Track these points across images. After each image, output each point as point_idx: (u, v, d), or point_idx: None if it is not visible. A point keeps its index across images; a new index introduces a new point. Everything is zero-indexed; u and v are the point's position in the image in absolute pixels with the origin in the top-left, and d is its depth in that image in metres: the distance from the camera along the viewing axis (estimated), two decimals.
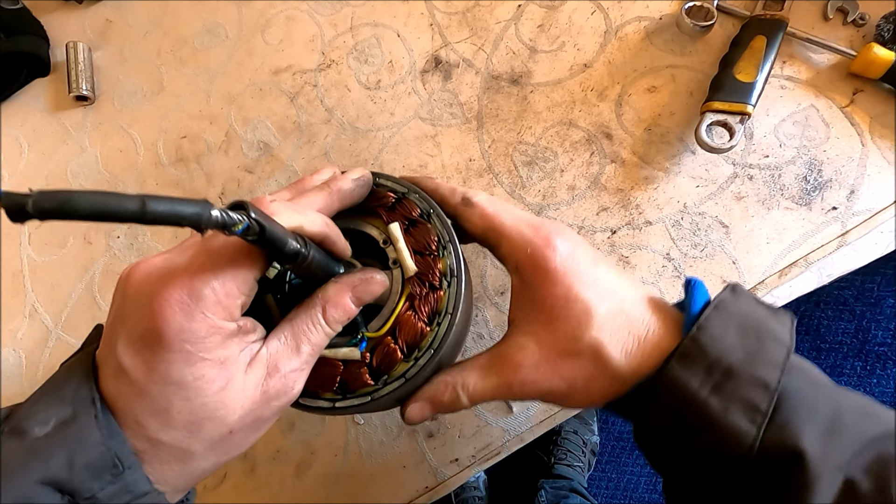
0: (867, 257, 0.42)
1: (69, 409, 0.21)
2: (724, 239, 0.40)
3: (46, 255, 0.50)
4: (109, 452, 0.20)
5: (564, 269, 0.26)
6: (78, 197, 0.14)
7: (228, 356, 0.22)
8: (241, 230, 0.18)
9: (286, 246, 0.21)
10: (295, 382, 0.24)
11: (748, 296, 0.25)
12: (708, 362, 0.23)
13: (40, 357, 0.47)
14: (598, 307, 0.25)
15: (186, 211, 0.16)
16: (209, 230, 0.17)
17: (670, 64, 0.44)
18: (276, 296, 0.27)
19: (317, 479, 0.41)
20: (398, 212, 0.29)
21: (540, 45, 0.47)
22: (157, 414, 0.21)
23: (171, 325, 0.20)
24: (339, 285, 0.25)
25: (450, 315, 0.27)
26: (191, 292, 0.21)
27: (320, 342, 0.24)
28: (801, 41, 0.42)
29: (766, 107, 0.42)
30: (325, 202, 0.26)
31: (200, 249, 0.22)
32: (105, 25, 0.57)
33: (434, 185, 0.30)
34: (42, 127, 0.54)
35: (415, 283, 0.27)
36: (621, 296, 0.26)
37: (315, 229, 0.24)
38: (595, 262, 0.27)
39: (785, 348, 0.23)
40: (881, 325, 1.15)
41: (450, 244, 0.28)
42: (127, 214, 0.15)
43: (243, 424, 0.23)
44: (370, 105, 0.49)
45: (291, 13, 0.53)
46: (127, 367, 0.21)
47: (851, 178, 0.40)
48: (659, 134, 0.43)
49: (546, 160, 0.44)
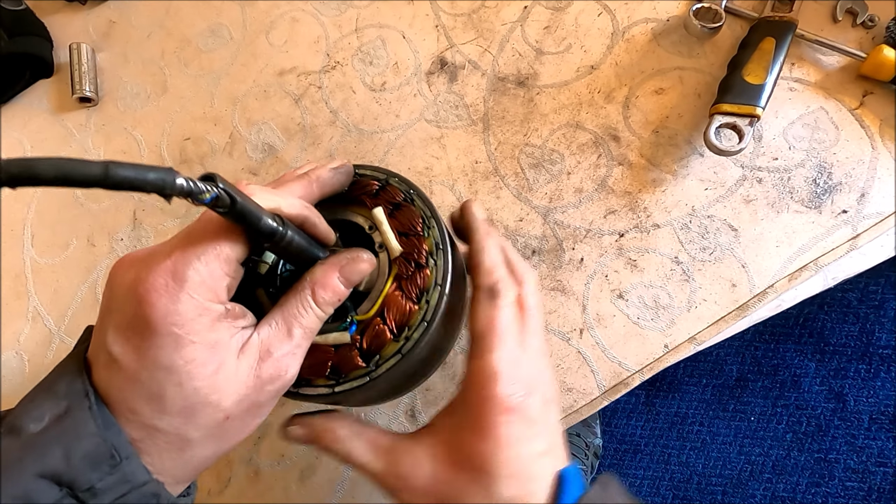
0: (873, 260, 0.42)
1: (63, 404, 0.21)
2: (733, 242, 0.40)
3: (49, 258, 0.50)
4: (106, 443, 0.20)
5: (511, 434, 0.25)
6: (42, 162, 0.15)
7: (219, 339, 0.22)
8: (209, 199, 0.18)
9: (261, 221, 0.21)
10: (288, 366, 0.24)
11: (619, 491, 0.25)
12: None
13: (43, 360, 0.47)
14: (500, 472, 0.25)
15: (150, 177, 0.16)
16: (174, 197, 0.17)
17: (678, 66, 0.44)
18: (269, 290, 0.27)
19: (322, 485, 0.40)
20: (381, 197, 0.29)
21: (546, 47, 0.47)
22: (150, 400, 0.21)
23: (158, 309, 0.20)
24: (326, 266, 0.25)
25: (439, 286, 0.27)
26: (174, 274, 0.21)
27: (312, 325, 0.24)
28: (810, 43, 0.42)
29: (775, 109, 0.42)
30: (304, 190, 0.26)
31: (181, 235, 0.22)
32: (108, 27, 0.56)
33: (477, 249, 0.30)
34: (45, 129, 0.54)
35: (401, 263, 0.27)
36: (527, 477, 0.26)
37: (293, 211, 0.24)
38: (531, 425, 0.26)
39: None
40: (885, 328, 1.15)
41: (433, 219, 0.28)
42: (90, 179, 0.15)
43: (239, 410, 0.23)
44: (375, 107, 0.48)
45: (296, 14, 0.53)
46: (117, 355, 0.21)
47: (862, 181, 0.39)
48: (667, 136, 0.43)
49: (553, 162, 0.44)
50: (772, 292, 0.38)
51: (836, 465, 1.11)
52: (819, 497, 1.10)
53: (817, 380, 1.15)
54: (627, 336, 0.39)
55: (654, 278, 0.40)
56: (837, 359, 1.15)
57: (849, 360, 1.14)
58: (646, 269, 0.40)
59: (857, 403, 1.13)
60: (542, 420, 0.26)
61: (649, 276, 0.40)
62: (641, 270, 0.40)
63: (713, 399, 1.17)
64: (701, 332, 0.39)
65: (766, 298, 0.38)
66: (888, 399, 1.12)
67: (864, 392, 1.13)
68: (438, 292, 0.27)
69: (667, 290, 0.40)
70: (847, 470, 1.10)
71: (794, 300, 0.42)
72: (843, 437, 1.11)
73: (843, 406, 1.13)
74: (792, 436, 1.13)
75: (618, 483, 0.26)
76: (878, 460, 1.09)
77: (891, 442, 1.10)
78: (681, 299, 0.39)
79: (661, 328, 0.39)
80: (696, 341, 0.38)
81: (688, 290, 0.39)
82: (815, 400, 1.14)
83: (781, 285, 0.38)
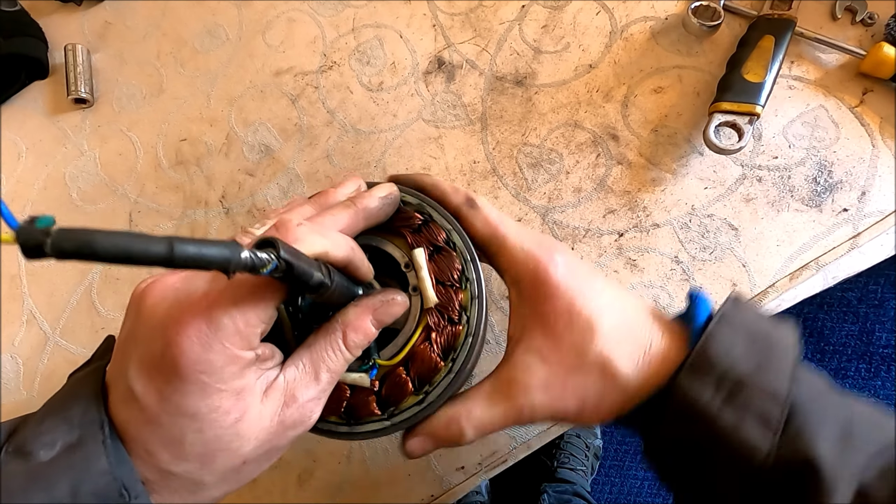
0: (873, 259, 0.41)
1: (76, 433, 0.20)
2: (733, 241, 0.39)
3: (45, 261, 0.49)
4: (116, 482, 0.19)
5: (566, 282, 0.25)
6: (101, 238, 0.13)
7: (245, 385, 0.21)
8: (269, 270, 0.17)
9: (311, 279, 0.20)
10: (312, 412, 0.23)
11: (751, 307, 0.25)
12: (717, 374, 0.22)
13: (38, 363, 0.47)
14: (602, 320, 0.25)
15: (214, 254, 0.15)
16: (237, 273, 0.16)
17: (677, 64, 0.44)
18: (289, 308, 0.26)
19: (319, 489, 0.40)
20: (423, 235, 0.28)
21: (544, 46, 0.47)
22: (168, 445, 0.20)
23: (188, 356, 0.20)
24: (360, 308, 0.24)
25: (469, 344, 0.26)
26: (209, 322, 0.20)
27: (339, 368, 0.24)
28: (809, 41, 0.42)
29: (775, 107, 0.41)
30: (349, 221, 0.25)
31: (220, 276, 0.21)
32: (104, 28, 0.56)
33: (433, 181, 0.29)
34: (40, 130, 0.54)
35: (434, 314, 0.26)
36: (623, 308, 0.26)
37: (340, 254, 0.23)
38: (594, 276, 0.27)
39: (792, 358, 0.23)
40: (885, 328, 1.14)
41: (472, 269, 0.27)
42: (153, 258, 0.14)
43: (257, 454, 0.22)
44: (372, 107, 0.48)
45: (293, 14, 0.52)
46: (138, 393, 0.20)
47: (862, 179, 0.39)
48: (666, 135, 0.42)
49: (551, 162, 0.44)
50: (773, 291, 0.38)
51: None
52: None
53: None
54: None
55: (654, 278, 0.40)
56: (838, 358, 1.15)
57: (849, 359, 1.14)
58: (646, 269, 0.40)
59: None
60: (599, 272, 0.27)
61: (649, 275, 0.40)
62: (641, 270, 0.40)
63: None
64: None
65: (767, 298, 0.38)
66: (888, 398, 1.11)
67: (864, 391, 1.13)
68: (467, 351, 0.26)
69: (667, 290, 0.39)
70: None
71: (794, 300, 0.42)
72: None
73: None
74: None
75: (746, 299, 0.26)
76: None
77: None
78: (681, 299, 0.39)
79: None
80: None
81: (688, 290, 0.39)
82: None
83: (783, 284, 0.38)
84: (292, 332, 0.25)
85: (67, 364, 0.46)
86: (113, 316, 0.47)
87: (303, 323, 0.26)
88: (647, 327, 0.25)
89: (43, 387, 0.46)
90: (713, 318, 0.24)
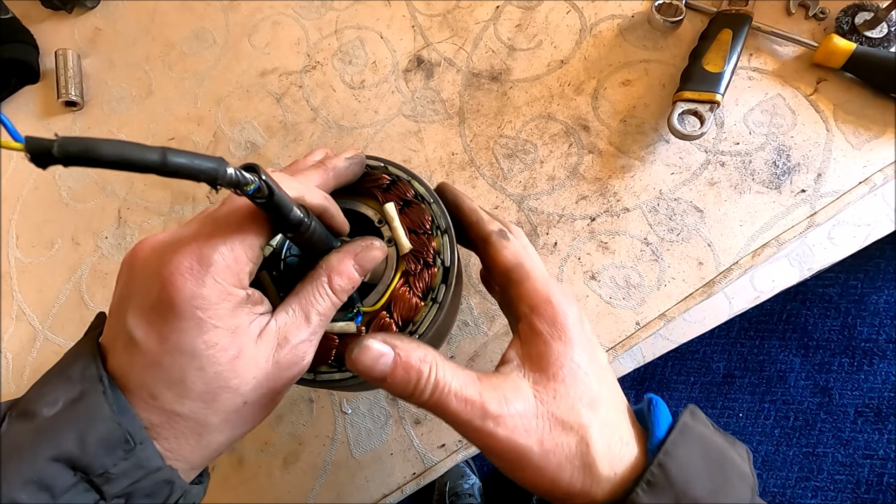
0: (846, 250, 0.43)
1: (77, 388, 0.21)
2: (699, 223, 0.41)
3: (34, 257, 0.50)
4: (120, 428, 0.20)
5: (584, 338, 0.25)
6: (103, 144, 0.15)
7: (239, 325, 0.22)
8: (252, 190, 0.19)
9: (291, 212, 0.21)
10: (305, 353, 0.24)
11: (706, 420, 0.25)
12: (675, 493, 0.22)
13: (27, 358, 0.47)
14: (602, 393, 0.24)
15: (203, 165, 0.17)
16: (222, 188, 0.18)
17: (643, 58, 0.46)
18: (272, 273, 0.28)
19: (305, 471, 0.41)
20: (393, 192, 0.30)
21: (518, 44, 0.49)
22: (172, 385, 0.21)
23: (183, 293, 0.20)
24: (342, 254, 0.25)
25: (445, 284, 0.27)
26: (200, 258, 0.21)
27: (328, 311, 0.25)
28: (766, 35, 0.44)
29: (736, 97, 0.44)
30: (321, 179, 0.26)
31: (206, 219, 0.22)
32: (94, 33, 0.58)
33: (471, 207, 0.30)
34: (31, 132, 0.55)
35: (409, 260, 0.28)
36: (617, 391, 0.26)
37: (316, 201, 0.24)
38: (596, 345, 0.26)
39: (749, 486, 0.23)
40: (866, 322, 1.17)
41: (442, 218, 0.29)
42: (148, 164, 0.15)
43: (257, 395, 0.23)
44: (355, 104, 0.50)
45: (277, 18, 0.54)
46: (139, 338, 0.21)
47: (818, 162, 0.41)
48: (634, 125, 0.45)
49: (526, 152, 0.46)
50: (736, 269, 0.40)
51: (825, 458, 1.12)
52: (809, 491, 1.11)
53: (802, 374, 1.16)
54: (600, 315, 0.41)
55: (625, 259, 0.41)
56: (821, 353, 1.17)
57: (832, 354, 1.16)
58: (617, 251, 0.42)
59: (842, 397, 1.14)
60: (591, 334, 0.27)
61: (620, 257, 0.42)
62: (613, 252, 0.42)
63: (701, 397, 1.18)
64: (670, 308, 0.40)
65: (731, 275, 0.40)
66: (872, 392, 1.13)
67: (848, 385, 1.14)
68: (444, 290, 0.27)
69: (637, 270, 0.41)
70: (835, 463, 1.11)
71: (772, 291, 0.44)
72: (829, 431, 1.13)
73: (828, 400, 1.14)
74: (780, 431, 1.14)
75: (701, 413, 0.25)
76: (865, 453, 1.10)
77: (876, 434, 1.11)
78: (651, 278, 0.41)
79: (633, 307, 0.40)
80: (667, 318, 0.40)
81: (657, 270, 0.41)
82: (801, 394, 1.15)
83: (746, 262, 0.40)
84: (277, 296, 0.27)
85: (57, 358, 0.47)
86: (102, 310, 0.48)
87: (287, 287, 0.27)
88: (627, 422, 0.25)
89: (32, 381, 0.47)
90: (672, 431, 0.23)
